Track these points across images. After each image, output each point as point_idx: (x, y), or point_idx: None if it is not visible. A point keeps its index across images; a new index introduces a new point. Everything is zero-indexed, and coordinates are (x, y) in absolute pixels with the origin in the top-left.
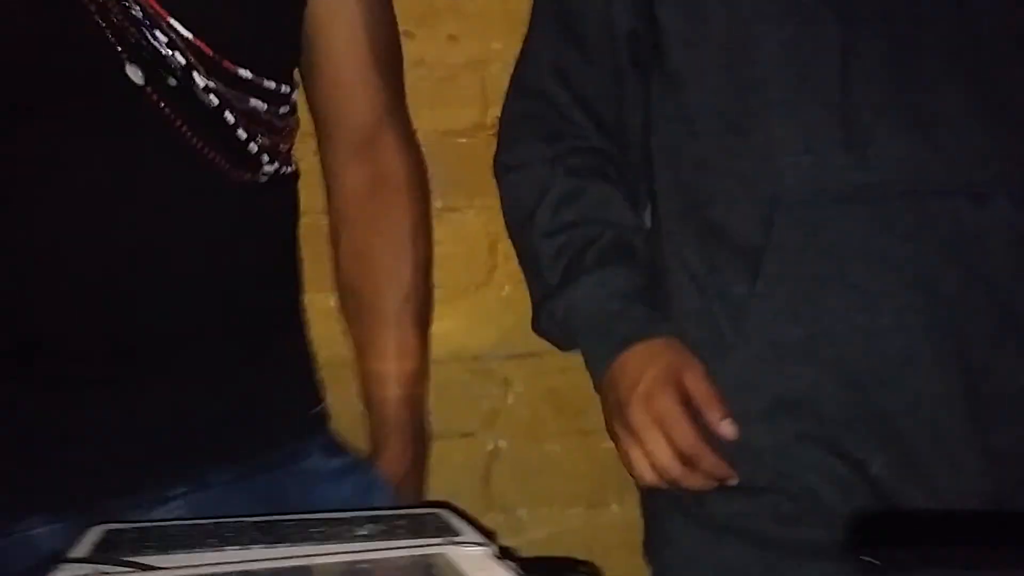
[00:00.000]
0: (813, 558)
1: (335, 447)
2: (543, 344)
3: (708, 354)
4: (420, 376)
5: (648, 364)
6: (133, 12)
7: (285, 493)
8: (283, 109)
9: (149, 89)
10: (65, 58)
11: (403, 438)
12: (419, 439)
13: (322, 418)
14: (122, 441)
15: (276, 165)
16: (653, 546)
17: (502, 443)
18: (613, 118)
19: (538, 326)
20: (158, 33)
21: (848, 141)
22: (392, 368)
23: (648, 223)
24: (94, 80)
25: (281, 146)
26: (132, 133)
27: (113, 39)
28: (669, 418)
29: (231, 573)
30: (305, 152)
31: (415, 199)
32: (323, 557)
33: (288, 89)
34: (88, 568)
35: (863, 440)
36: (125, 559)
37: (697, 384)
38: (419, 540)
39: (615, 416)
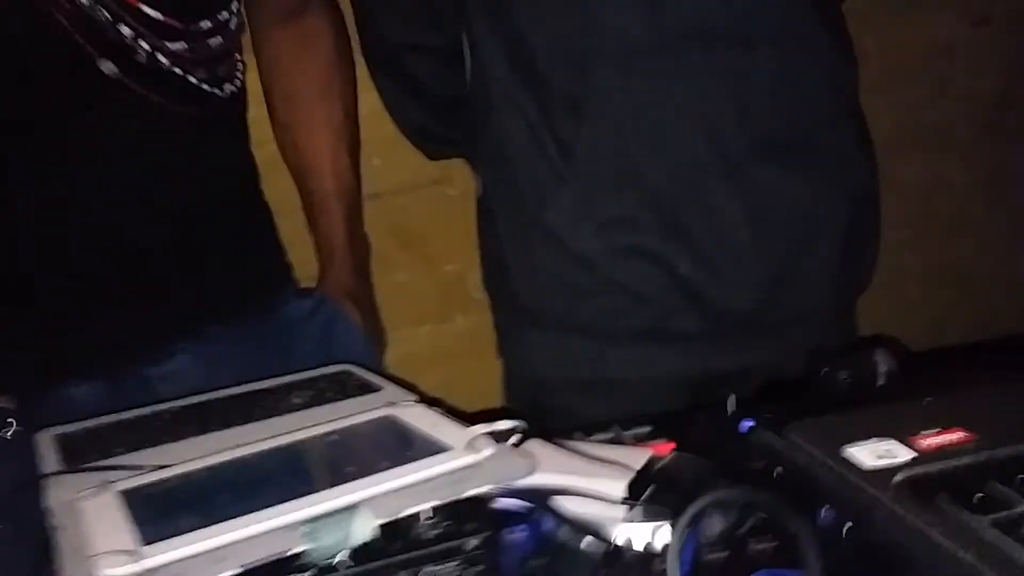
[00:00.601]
0: (635, 342)
1: (301, 291)
2: (383, 185)
3: (544, 186)
4: (355, 194)
5: None
6: (99, 15)
7: (269, 338)
8: (236, 28)
9: (122, 77)
10: (39, 62)
11: (345, 253)
12: (360, 252)
13: (289, 269)
14: (136, 312)
15: (232, 87)
16: (505, 347)
17: None
18: None
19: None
20: (123, 27)
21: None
22: (330, 190)
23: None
24: (69, 77)
25: (236, 60)
26: (109, 113)
27: (82, 39)
28: None
29: (224, 461)
30: None
31: (338, 46)
32: (289, 434)
33: (238, 6)
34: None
35: (672, 248)
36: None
37: None
38: (357, 403)
39: None
